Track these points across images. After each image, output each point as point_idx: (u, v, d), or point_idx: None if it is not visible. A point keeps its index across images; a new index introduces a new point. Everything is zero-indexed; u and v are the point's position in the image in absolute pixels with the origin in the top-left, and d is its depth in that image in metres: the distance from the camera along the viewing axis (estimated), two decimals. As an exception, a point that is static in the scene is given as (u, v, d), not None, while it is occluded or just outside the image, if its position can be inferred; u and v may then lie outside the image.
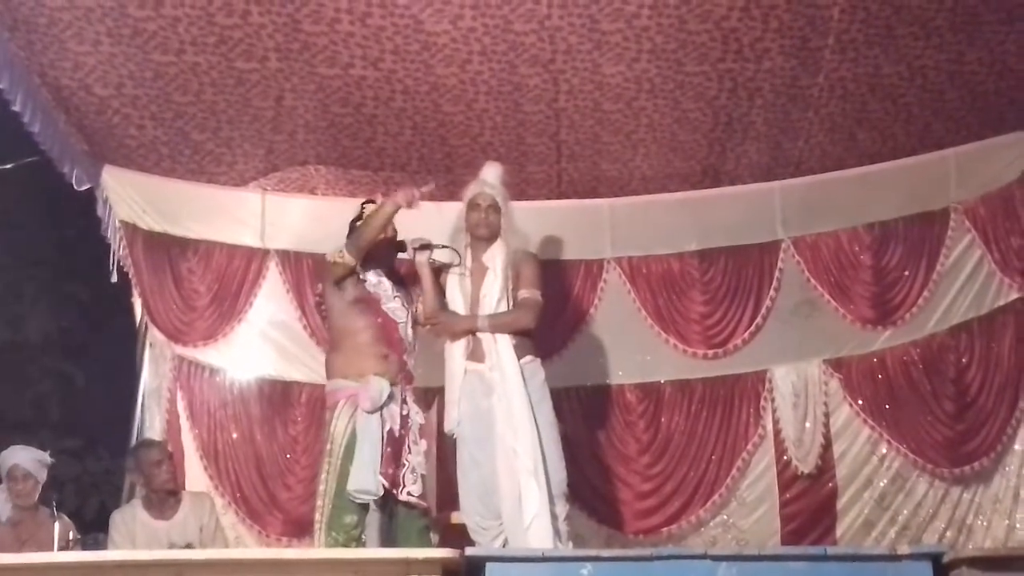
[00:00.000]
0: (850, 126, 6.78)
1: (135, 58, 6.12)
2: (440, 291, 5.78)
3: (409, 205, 5.60)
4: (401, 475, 5.47)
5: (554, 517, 5.45)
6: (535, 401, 5.57)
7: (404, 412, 5.57)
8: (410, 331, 5.74)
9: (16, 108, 6.19)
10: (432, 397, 6.27)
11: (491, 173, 5.89)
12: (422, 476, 5.55)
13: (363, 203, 5.92)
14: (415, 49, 6.07)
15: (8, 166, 7.66)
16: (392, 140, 6.74)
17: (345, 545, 5.35)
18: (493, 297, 5.69)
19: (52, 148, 6.61)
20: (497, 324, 5.63)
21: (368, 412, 5.46)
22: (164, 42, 6.02)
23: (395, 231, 5.83)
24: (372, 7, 5.82)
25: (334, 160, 6.92)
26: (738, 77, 6.34)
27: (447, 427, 5.71)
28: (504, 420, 5.51)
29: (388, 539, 5.47)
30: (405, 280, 5.90)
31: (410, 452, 5.54)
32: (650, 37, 6.05)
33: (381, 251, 5.74)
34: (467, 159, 6.80)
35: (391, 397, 5.52)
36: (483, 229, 5.77)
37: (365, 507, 5.44)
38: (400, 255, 5.89)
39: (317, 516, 5.52)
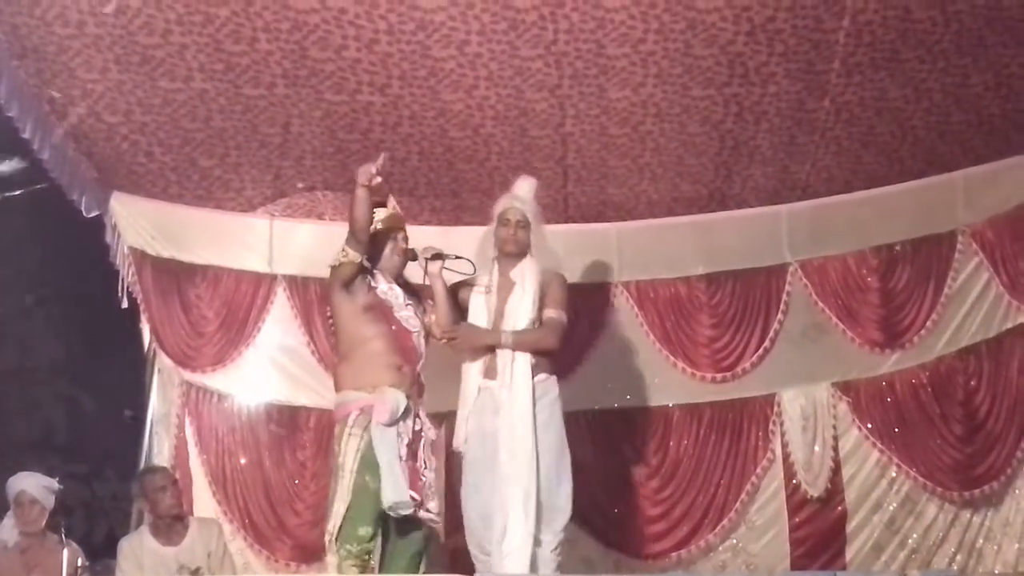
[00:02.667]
0: (856, 149, 6.79)
1: (143, 85, 6.15)
2: (453, 303, 5.67)
3: (369, 182, 5.39)
4: (420, 490, 5.32)
5: (547, 546, 5.36)
6: (542, 422, 5.47)
7: (417, 427, 5.40)
8: (423, 341, 5.57)
9: (25, 136, 6.22)
10: (441, 420, 6.24)
11: (523, 188, 5.79)
12: (436, 494, 5.44)
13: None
14: (422, 75, 6.10)
15: (17, 192, 7.69)
16: (399, 165, 6.75)
17: (358, 557, 5.21)
18: (523, 315, 5.58)
19: (61, 175, 6.66)
20: (521, 342, 5.53)
21: (385, 425, 5.28)
22: (172, 69, 6.05)
23: (406, 239, 5.70)
24: (379, 33, 5.85)
25: (341, 186, 6.93)
26: (744, 101, 6.36)
27: (455, 444, 5.63)
28: (506, 443, 5.42)
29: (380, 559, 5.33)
30: (416, 290, 5.75)
31: (426, 467, 5.38)
32: (656, 62, 6.07)
33: (381, 250, 5.58)
34: (474, 184, 6.82)
35: (407, 411, 5.35)
36: (511, 245, 5.68)
37: (380, 521, 5.27)
38: (412, 263, 5.77)
39: (329, 527, 5.34)
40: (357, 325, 5.47)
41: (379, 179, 5.42)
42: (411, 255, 5.69)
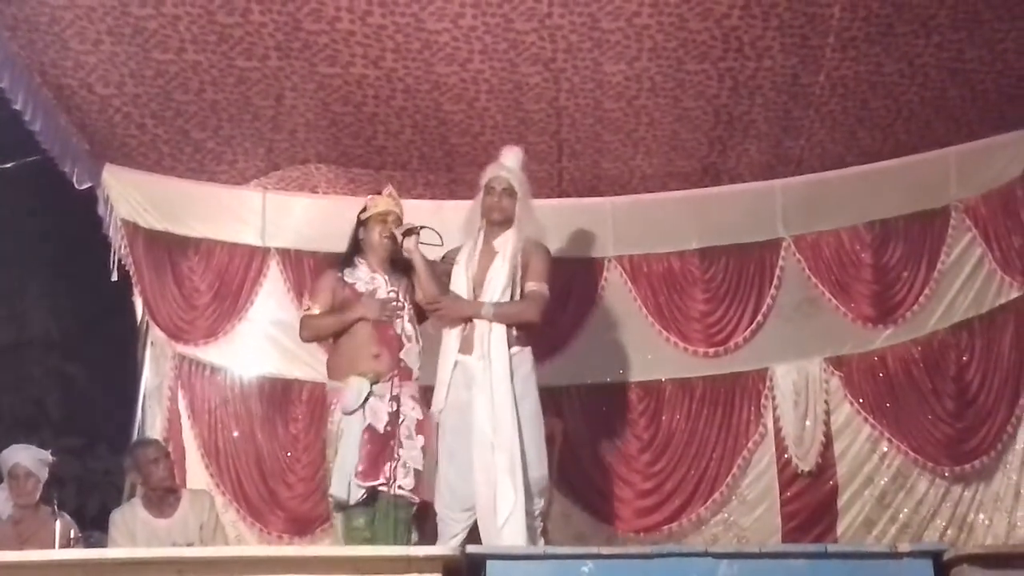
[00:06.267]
0: (851, 124, 6.79)
1: (136, 57, 6.13)
2: (436, 273, 5.62)
3: (376, 317, 5.49)
4: (391, 469, 5.36)
5: (530, 515, 5.37)
6: (519, 394, 5.43)
7: (393, 408, 5.42)
8: (408, 326, 5.58)
9: (17, 107, 6.20)
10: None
11: (510, 157, 5.74)
12: (415, 470, 5.42)
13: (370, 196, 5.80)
14: (416, 48, 6.08)
15: (9, 165, 7.66)
16: (392, 139, 6.74)
17: (360, 543, 5.29)
18: (499, 284, 5.53)
19: (53, 147, 6.63)
20: (502, 314, 5.49)
21: (347, 414, 5.40)
22: (165, 40, 6.03)
23: (398, 221, 5.62)
24: (373, 6, 5.83)
25: (335, 159, 6.93)
26: (739, 75, 6.35)
27: (433, 407, 5.56)
28: (483, 414, 5.39)
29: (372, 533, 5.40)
30: (407, 270, 5.68)
31: (402, 447, 5.41)
32: (651, 35, 6.06)
33: (371, 235, 5.62)
34: (468, 158, 6.81)
35: (372, 395, 5.40)
36: (496, 213, 5.62)
37: (369, 505, 5.37)
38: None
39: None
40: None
41: (387, 318, 5.51)
42: (395, 240, 5.63)
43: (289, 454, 6.99)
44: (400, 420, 5.44)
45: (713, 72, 6.31)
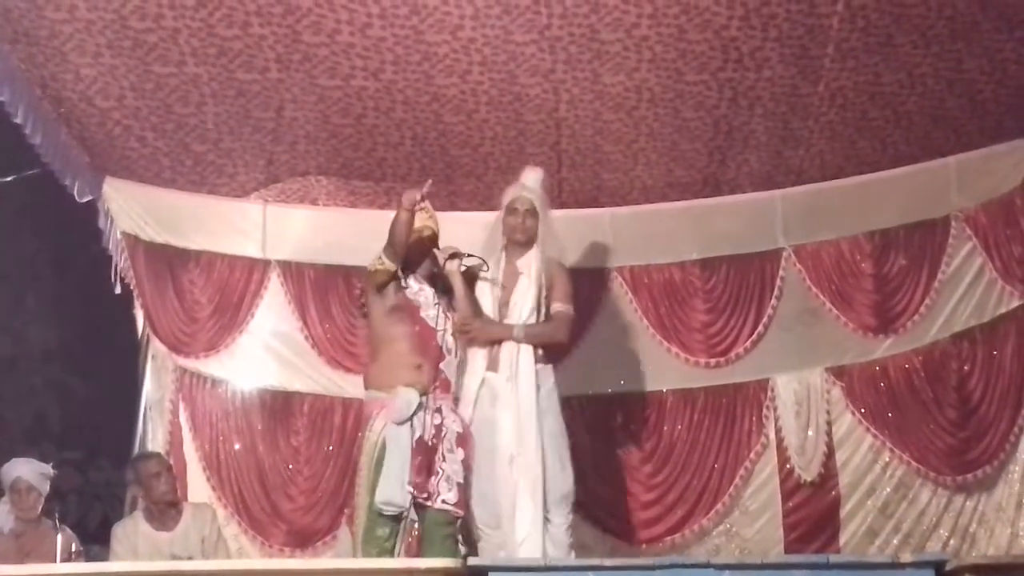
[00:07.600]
0: (850, 134, 6.79)
1: (136, 70, 6.14)
2: (473, 298, 5.74)
3: (412, 207, 5.49)
4: (435, 483, 5.38)
5: (559, 528, 5.46)
6: (542, 409, 5.58)
7: (437, 421, 5.46)
8: (450, 339, 5.65)
9: (17, 120, 6.21)
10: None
11: (531, 177, 5.87)
12: (458, 484, 5.44)
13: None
14: (415, 60, 6.09)
15: (9, 178, 7.67)
16: (393, 150, 6.75)
17: (380, 555, 5.30)
18: (526, 305, 5.68)
19: (53, 160, 6.64)
20: (533, 336, 5.64)
21: (396, 424, 5.41)
22: (165, 54, 6.04)
23: (434, 238, 5.68)
24: (372, 18, 5.84)
25: (335, 171, 6.93)
26: (738, 86, 6.35)
27: None
28: (507, 431, 5.50)
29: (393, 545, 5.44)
30: (447, 289, 5.76)
31: (444, 460, 5.44)
32: (650, 47, 6.07)
33: (420, 257, 5.67)
34: (467, 169, 6.82)
35: (421, 406, 5.44)
36: (520, 234, 5.76)
37: (398, 518, 5.37)
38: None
39: (355, 528, 5.48)
40: (384, 326, 5.62)
41: (423, 204, 5.52)
42: (435, 258, 5.70)
43: (290, 467, 6.97)
44: (443, 433, 5.49)
45: (712, 83, 6.32)
